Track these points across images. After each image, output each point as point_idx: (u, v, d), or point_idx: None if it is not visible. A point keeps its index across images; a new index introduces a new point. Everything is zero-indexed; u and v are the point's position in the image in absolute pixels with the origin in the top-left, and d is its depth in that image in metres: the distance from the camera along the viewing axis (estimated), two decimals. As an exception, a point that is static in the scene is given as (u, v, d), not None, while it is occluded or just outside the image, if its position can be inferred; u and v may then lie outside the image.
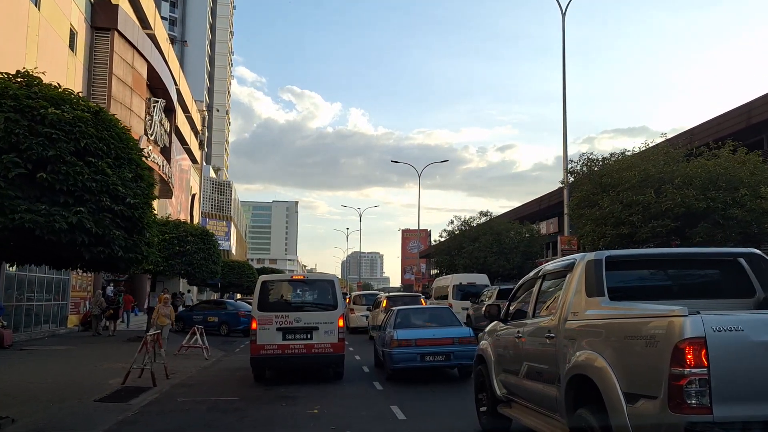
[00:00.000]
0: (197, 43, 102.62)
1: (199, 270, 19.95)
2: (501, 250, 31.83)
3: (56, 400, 9.42)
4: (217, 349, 19.08)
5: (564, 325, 4.84)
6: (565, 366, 4.65)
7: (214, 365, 15.07)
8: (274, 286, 12.17)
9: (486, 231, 33.42)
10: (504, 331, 6.44)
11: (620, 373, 3.91)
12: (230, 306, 25.52)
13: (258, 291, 11.47)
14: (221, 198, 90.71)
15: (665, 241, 16.97)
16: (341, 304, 11.66)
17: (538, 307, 5.79)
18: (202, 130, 59.22)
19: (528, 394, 5.66)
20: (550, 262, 6.12)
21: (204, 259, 20.09)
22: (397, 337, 11.16)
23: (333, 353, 11.16)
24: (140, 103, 28.59)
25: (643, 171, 16.98)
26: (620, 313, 4.29)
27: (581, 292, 4.79)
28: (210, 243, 20.57)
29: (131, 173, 7.40)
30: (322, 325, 11.14)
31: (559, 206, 43.01)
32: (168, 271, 19.21)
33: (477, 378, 7.20)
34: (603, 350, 4.14)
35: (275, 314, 11.16)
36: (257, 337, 11.08)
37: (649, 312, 3.96)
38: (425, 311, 13.89)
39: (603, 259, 4.82)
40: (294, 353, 11.03)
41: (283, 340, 11.04)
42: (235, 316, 24.85)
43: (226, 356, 17.46)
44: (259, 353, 11.09)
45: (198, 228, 20.54)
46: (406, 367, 11.12)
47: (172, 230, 19.42)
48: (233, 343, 21.66)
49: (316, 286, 12.39)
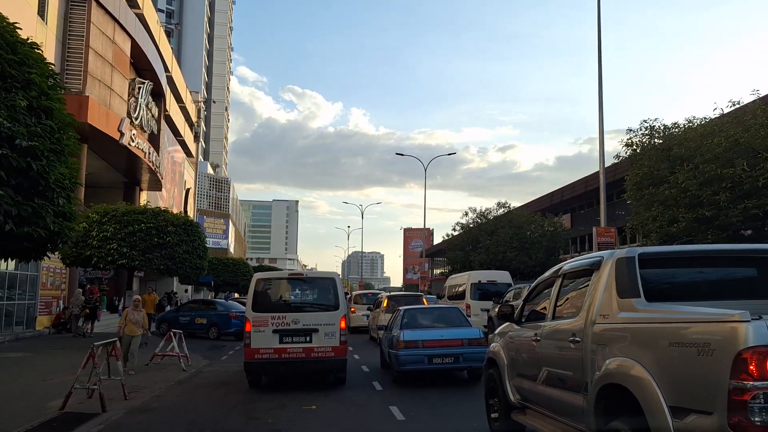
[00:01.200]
0: (195, 35, 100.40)
1: (182, 265, 17.31)
2: (522, 245, 28.84)
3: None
4: (201, 356, 16.49)
5: (592, 328, 4.46)
6: (594, 373, 4.28)
7: (191, 379, 12.43)
8: (270, 285, 11.33)
9: (504, 224, 30.34)
10: (519, 334, 6.11)
11: (665, 385, 3.49)
12: (220, 306, 22.89)
13: (252, 290, 10.70)
14: (219, 195, 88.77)
15: (761, 226, 14.22)
16: (343, 304, 10.85)
17: (558, 309, 5.40)
18: (197, 122, 56.59)
19: (547, 402, 5.29)
20: (571, 260, 5.66)
21: (187, 252, 17.44)
22: (404, 338, 10.79)
23: (334, 357, 10.41)
24: (122, 83, 26.02)
25: (732, 137, 13.88)
26: (663, 316, 3.87)
27: (611, 292, 4.40)
28: (195, 235, 17.91)
29: (26, 101, 4.73)
30: (322, 327, 10.41)
31: (582, 198, 41.19)
32: (145, 265, 16.58)
33: (488, 382, 6.85)
34: (642, 358, 3.74)
35: (271, 315, 10.37)
36: (251, 340, 10.26)
37: (701, 316, 3.52)
38: (433, 311, 13.35)
39: (636, 256, 4.42)
40: (291, 358, 10.27)
41: (280, 343, 10.27)
42: (226, 318, 22.25)
43: (210, 366, 14.84)
44: (254, 358, 10.26)
45: (181, 217, 17.87)
46: (413, 370, 10.76)
47: (150, 219, 16.79)
48: (221, 349, 19.04)
49: (315, 284, 11.53)
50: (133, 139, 25.89)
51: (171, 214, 17.71)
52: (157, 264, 16.74)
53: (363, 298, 25.57)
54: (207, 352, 17.84)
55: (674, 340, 3.54)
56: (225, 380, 12.03)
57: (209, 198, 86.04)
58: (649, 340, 3.79)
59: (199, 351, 18.31)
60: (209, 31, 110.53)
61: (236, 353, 17.81)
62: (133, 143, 25.94)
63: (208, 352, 17.93)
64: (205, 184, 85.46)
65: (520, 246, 28.95)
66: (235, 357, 16.81)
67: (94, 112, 22.27)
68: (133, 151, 26.18)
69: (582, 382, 4.48)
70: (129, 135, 25.33)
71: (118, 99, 25.33)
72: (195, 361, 14.66)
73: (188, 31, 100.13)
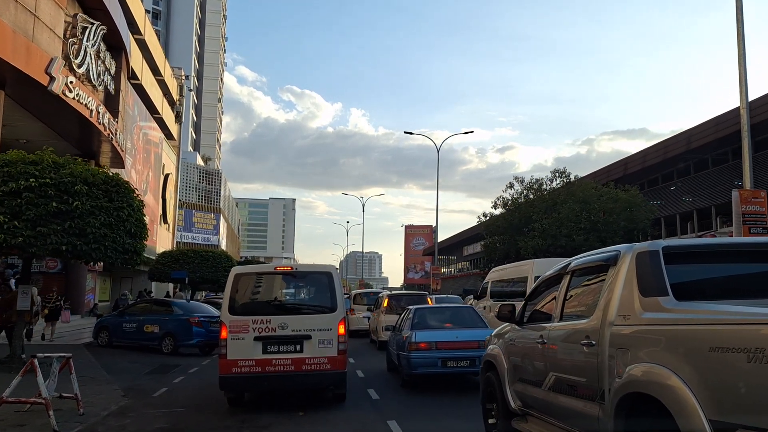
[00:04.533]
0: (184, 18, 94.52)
1: (99, 246, 11.12)
2: (593, 226, 22.09)
3: None
4: (125, 386, 10.52)
5: (610, 330, 3.98)
6: (613, 380, 3.80)
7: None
8: (252, 281, 9.43)
9: (566, 198, 23.55)
10: (521, 336, 5.68)
11: (703, 395, 2.99)
12: (177, 308, 16.75)
13: (230, 287, 8.90)
14: (210, 188, 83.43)
15: None
16: (342, 305, 9.02)
17: (567, 309, 4.92)
18: (179, 100, 50.27)
19: (554, 410, 4.84)
20: (582, 255, 5.11)
21: (108, 226, 11.24)
22: (416, 339, 10.19)
23: (331, 371, 8.67)
24: (56, 14, 19.86)
25: None
26: (700, 317, 3.32)
27: (632, 290, 3.90)
28: (122, 200, 11.70)
29: None
30: (316, 333, 8.71)
31: (663, 166, 32.43)
32: (35, 245, 10.42)
33: (485, 386, 6.47)
34: (674, 364, 3.22)
35: (252, 319, 8.61)
36: (228, 349, 8.47)
37: (752, 317, 2.92)
38: (445, 311, 12.82)
39: (660, 249, 3.94)
40: (278, 371, 8.52)
41: (264, 353, 8.57)
42: (184, 325, 16.16)
43: (130, 407, 8.79)
44: (231, 372, 8.43)
45: (99, 172, 11.61)
46: (425, 373, 10.16)
47: (45, 173, 10.63)
48: (170, 372, 12.95)
49: (308, 280, 9.81)
50: (71, 88, 19.74)
51: (82, 166, 11.47)
52: (55, 243, 10.53)
53: (363, 298, 23.69)
54: (141, 380, 11.70)
55: (716, 345, 3.00)
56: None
57: (198, 191, 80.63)
58: (683, 344, 3.27)
59: (130, 375, 12.18)
60: (200, 15, 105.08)
61: (192, 378, 11.97)
62: (72, 94, 19.79)
63: (144, 379, 11.79)
64: (194, 176, 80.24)
65: (591, 227, 22.09)
66: (191, 384, 11.10)
67: (6, 41, 16.19)
68: (72, 105, 20.04)
69: (597, 389, 4.03)
70: (64, 82, 19.19)
71: (47, 33, 19.20)
72: (102, 401, 8.71)
73: (177, 13, 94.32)
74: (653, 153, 31.38)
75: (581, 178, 28.66)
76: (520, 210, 25.88)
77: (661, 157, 31.56)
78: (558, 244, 22.37)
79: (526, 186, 26.93)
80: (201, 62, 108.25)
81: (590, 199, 23.39)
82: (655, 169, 32.47)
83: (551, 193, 25.26)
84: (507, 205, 27.27)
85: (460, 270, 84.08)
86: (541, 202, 24.95)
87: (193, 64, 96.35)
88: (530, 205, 25.47)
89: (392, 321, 15.68)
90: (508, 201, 27.23)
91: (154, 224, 42.61)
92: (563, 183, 26.37)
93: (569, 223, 22.60)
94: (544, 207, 24.28)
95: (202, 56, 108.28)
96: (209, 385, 10.84)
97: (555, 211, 23.47)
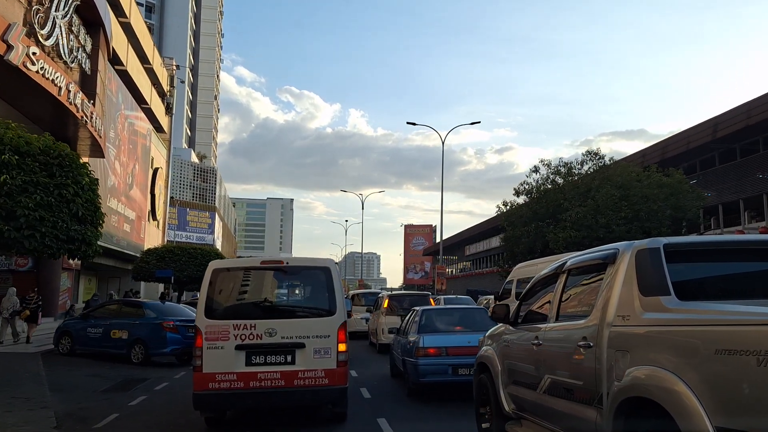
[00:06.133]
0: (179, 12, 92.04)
1: (34, 233, 8.73)
2: (635, 215, 19.20)
3: None
4: (77, 407, 8.35)
5: (608, 331, 3.84)
6: (612, 384, 3.66)
7: None
8: (233, 278, 7.79)
9: (603, 183, 20.32)
10: (515, 337, 5.51)
11: (708, 400, 2.85)
12: (150, 311, 14.38)
13: (206, 285, 7.39)
14: (204, 186, 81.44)
15: None
16: (342, 307, 7.53)
17: (563, 309, 4.76)
18: (169, 91, 47.89)
19: (549, 414, 4.68)
20: (578, 253, 4.95)
21: (47, 208, 8.86)
22: (424, 345, 9.36)
23: (329, 386, 7.21)
24: (15, -25, 17.55)
25: None
26: (704, 317, 3.17)
27: (632, 289, 3.76)
28: (69, 175, 9.31)
29: None
30: (311, 341, 7.24)
31: (711, 147, 29.30)
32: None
33: (478, 389, 6.31)
34: (677, 367, 3.09)
35: (234, 323, 7.16)
36: (203, 360, 7.02)
37: (761, 317, 2.75)
38: (455, 313, 11.81)
39: (661, 247, 3.76)
40: (264, 387, 7.08)
41: (247, 365, 7.12)
42: (157, 330, 13.81)
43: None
44: (207, 388, 6.99)
45: (37, 141, 9.21)
46: (434, 382, 9.25)
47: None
48: (136, 388, 10.62)
49: (302, 276, 8.23)
50: (34, 61, 17.41)
51: (15, 131, 9.07)
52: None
53: (362, 298, 22.81)
54: (90, 401, 9.34)
55: (722, 347, 2.86)
56: None
57: (193, 189, 78.65)
58: (686, 345, 3.15)
59: (79, 394, 9.85)
60: (195, 10, 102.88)
61: (157, 398, 9.72)
62: (35, 67, 17.47)
63: (94, 400, 9.43)
64: (188, 173, 78.27)
65: (633, 216, 19.15)
66: (153, 406, 9.08)
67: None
68: (36, 80, 17.73)
69: (595, 393, 3.90)
70: (25, 52, 16.88)
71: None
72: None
73: (171, 7, 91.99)
74: (692, 136, 29.00)
75: (615, 162, 25.05)
76: (547, 197, 22.65)
77: (683, 148, 29.25)
78: (595, 235, 19.50)
79: (554, 170, 23.72)
80: (196, 58, 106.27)
81: (630, 184, 20.39)
82: (690, 156, 30.01)
83: (584, 178, 22.29)
84: (531, 192, 24.09)
85: (461, 270, 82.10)
86: (572, 188, 21.95)
87: (188, 59, 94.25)
88: (558, 191, 22.45)
89: (393, 322, 15.65)
90: (533, 188, 24.02)
91: (142, 220, 40.29)
92: (596, 167, 23.26)
93: (607, 211, 19.70)
94: (576, 193, 21.35)
95: (198, 52, 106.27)
96: (179, 408, 8.65)
97: (590, 198, 20.47)
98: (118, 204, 32.72)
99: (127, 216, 35.39)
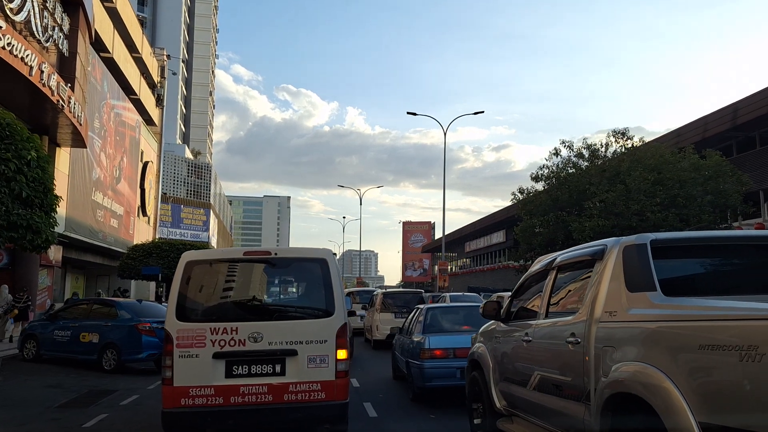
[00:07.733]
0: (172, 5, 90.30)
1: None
2: (672, 200, 17.44)
3: None
4: None
5: (595, 327, 3.85)
6: (599, 380, 3.67)
7: None
8: (211, 272, 6.54)
9: (632, 166, 18.42)
10: (506, 333, 5.48)
11: (692, 396, 2.85)
12: (124, 311, 12.77)
13: (178, 282, 6.21)
14: (199, 182, 79.72)
15: None
16: (342, 306, 6.36)
17: (552, 305, 4.76)
18: (160, 83, 46.18)
19: (539, 410, 4.67)
20: (568, 249, 4.89)
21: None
22: (430, 346, 8.85)
23: (326, 402, 6.08)
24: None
25: None
26: (688, 313, 3.15)
27: (619, 285, 3.77)
28: (10, 148, 7.70)
29: None
30: (304, 347, 6.12)
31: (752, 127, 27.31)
32: None
33: (471, 386, 6.27)
34: (662, 363, 3.09)
35: (212, 326, 6.03)
36: (174, 371, 5.88)
37: (744, 312, 2.78)
38: (460, 311, 11.02)
39: (647, 243, 3.77)
40: (249, 404, 5.98)
41: (228, 377, 6.01)
42: (131, 333, 12.22)
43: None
44: (180, 404, 5.85)
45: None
46: (441, 386, 8.73)
47: None
48: (100, 402, 9.06)
49: (294, 270, 6.93)
50: (0, 36, 15.72)
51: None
52: None
53: (356, 296, 23.10)
54: (37, 421, 7.75)
55: (706, 343, 2.88)
56: None
57: (187, 185, 76.94)
58: (671, 341, 3.14)
59: (30, 411, 8.26)
60: (189, 4, 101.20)
61: (119, 417, 8.14)
62: (1, 42, 15.81)
63: (44, 419, 7.85)
64: (182, 169, 76.59)
65: (670, 202, 17.39)
66: (112, 428, 7.24)
67: None
68: (2, 56, 16.04)
69: (583, 389, 3.91)
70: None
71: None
72: None
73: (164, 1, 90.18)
74: (726, 116, 27.25)
75: (646, 143, 22.70)
76: (570, 182, 20.39)
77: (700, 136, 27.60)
78: (626, 224, 17.63)
79: (577, 152, 21.37)
80: (190, 53, 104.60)
81: (663, 167, 18.51)
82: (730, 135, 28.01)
83: (611, 161, 20.19)
84: (551, 178, 21.74)
85: (461, 267, 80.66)
86: (599, 171, 19.89)
87: (182, 53, 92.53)
88: (584, 174, 20.30)
89: (387, 319, 16.54)
90: (553, 173, 21.66)
91: (131, 216, 38.60)
92: (624, 148, 21.09)
93: (640, 196, 17.87)
94: (603, 177, 19.32)
95: (192, 47, 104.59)
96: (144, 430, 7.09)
97: (620, 182, 18.54)
98: (104, 198, 31.05)
99: (114, 211, 33.71)
